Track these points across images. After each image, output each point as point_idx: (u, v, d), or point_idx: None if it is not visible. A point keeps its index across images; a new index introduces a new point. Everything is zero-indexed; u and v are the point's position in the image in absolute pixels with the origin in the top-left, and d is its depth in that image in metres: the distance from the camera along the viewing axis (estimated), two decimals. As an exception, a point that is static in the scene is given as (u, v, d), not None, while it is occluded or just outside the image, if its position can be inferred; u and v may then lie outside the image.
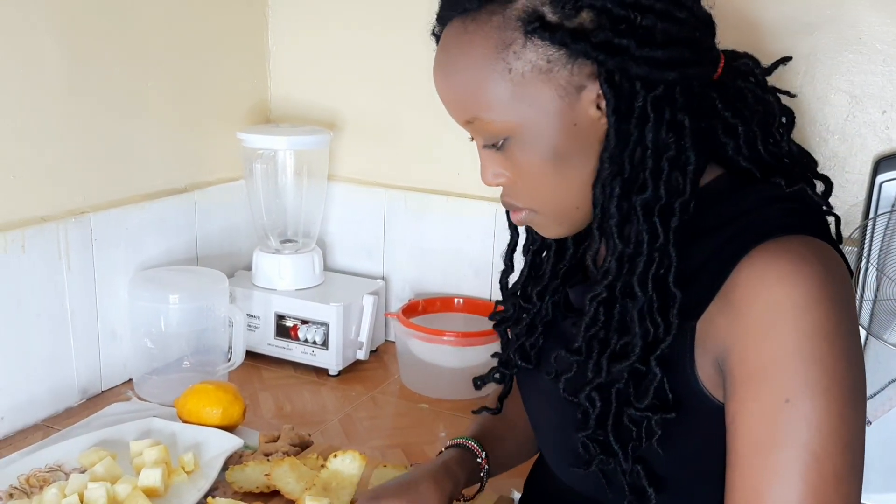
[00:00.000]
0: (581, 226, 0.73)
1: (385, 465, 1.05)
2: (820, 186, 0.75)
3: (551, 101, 0.66)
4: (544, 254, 0.83)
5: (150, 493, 0.97)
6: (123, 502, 0.95)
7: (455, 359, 1.34)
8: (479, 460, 0.91)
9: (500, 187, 0.74)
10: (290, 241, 1.52)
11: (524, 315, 0.84)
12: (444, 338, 1.34)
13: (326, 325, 1.40)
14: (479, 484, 0.92)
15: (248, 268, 1.52)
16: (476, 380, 0.92)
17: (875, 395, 1.18)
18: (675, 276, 0.66)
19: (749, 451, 0.63)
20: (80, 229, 1.22)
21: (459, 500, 0.93)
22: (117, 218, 1.29)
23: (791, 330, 0.62)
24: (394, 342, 1.48)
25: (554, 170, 0.68)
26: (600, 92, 0.66)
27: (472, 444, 0.92)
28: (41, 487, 0.99)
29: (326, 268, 1.56)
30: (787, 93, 0.75)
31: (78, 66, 1.21)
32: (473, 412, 0.95)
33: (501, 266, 0.87)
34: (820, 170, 1.21)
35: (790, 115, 0.75)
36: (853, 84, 1.18)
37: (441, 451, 0.93)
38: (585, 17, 0.64)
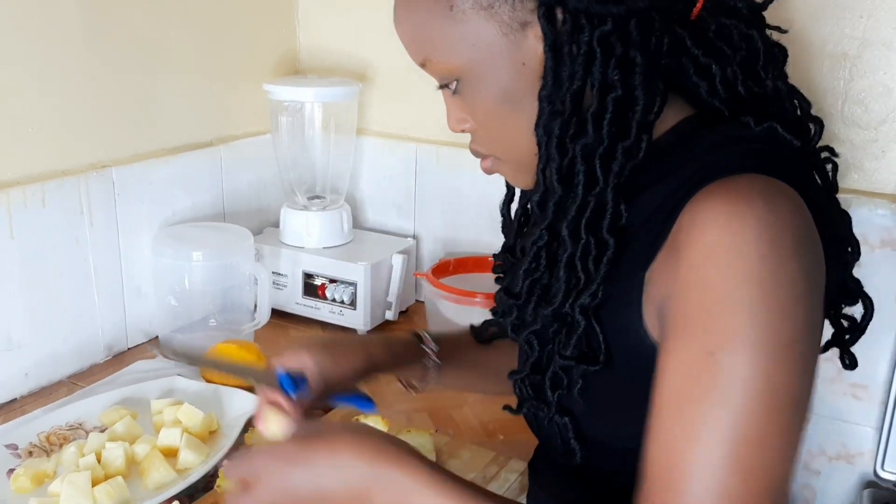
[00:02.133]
0: None
1: (409, 430, 1.02)
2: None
3: (495, 38, 0.64)
4: (529, 206, 0.79)
5: (168, 452, 0.95)
6: (141, 462, 0.93)
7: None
8: (425, 348, 0.90)
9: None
10: (317, 197, 1.48)
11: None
12: (475, 299, 1.29)
13: (354, 284, 1.36)
14: (425, 378, 0.90)
15: (277, 224, 1.49)
16: (472, 328, 0.91)
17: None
18: (610, 224, 0.62)
19: (669, 404, 0.58)
20: (101, 183, 1.19)
21: (409, 388, 0.92)
22: (140, 172, 1.26)
23: (720, 276, 0.56)
24: (423, 302, 1.43)
25: (507, 113, 0.66)
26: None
27: (426, 335, 0.91)
28: (61, 445, 0.99)
29: (355, 225, 1.52)
30: (777, 28, 0.70)
31: (97, 14, 1.17)
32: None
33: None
34: (882, 122, 1.12)
35: (782, 51, 0.69)
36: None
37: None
38: None
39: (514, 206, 0.81)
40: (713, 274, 0.56)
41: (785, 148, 0.65)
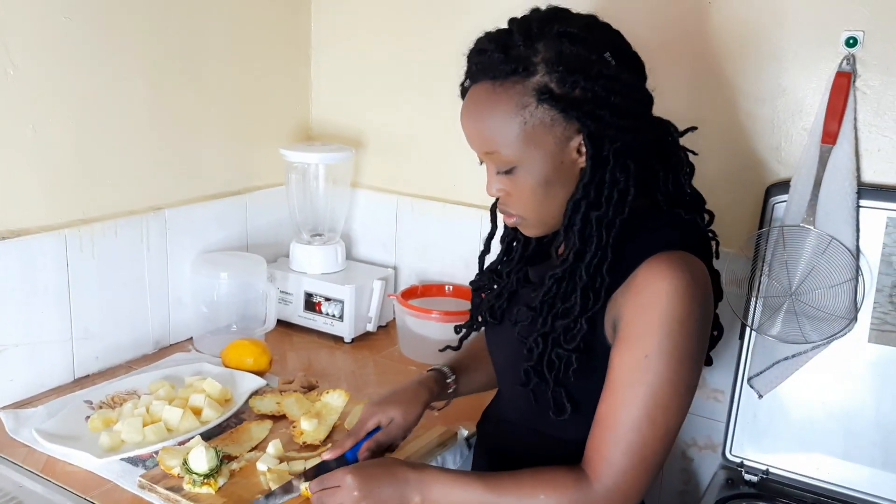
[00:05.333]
0: (553, 229, 1.07)
1: (364, 402, 1.41)
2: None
3: (550, 145, 0.97)
4: (514, 243, 1.18)
5: (195, 411, 1.36)
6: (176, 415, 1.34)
7: (440, 332, 1.67)
8: (448, 381, 1.27)
9: (496, 198, 1.07)
10: (319, 234, 1.89)
11: (495, 285, 1.20)
12: (431, 315, 1.68)
13: (342, 302, 1.76)
14: (447, 400, 1.28)
15: (287, 255, 1.90)
16: (457, 327, 1.26)
17: (762, 372, 1.47)
18: (607, 266, 0.99)
19: (616, 385, 0.97)
20: (157, 221, 1.62)
21: (431, 409, 1.27)
22: (186, 213, 1.69)
23: (659, 311, 0.95)
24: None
25: (543, 191, 1.00)
26: (582, 143, 0.97)
27: (445, 369, 1.28)
28: (122, 403, 1.40)
29: (350, 257, 1.93)
30: (691, 151, 1.10)
31: (159, 97, 1.61)
32: (440, 350, 1.32)
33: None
34: (730, 192, 1.53)
35: (692, 167, 1.09)
36: (752, 135, 1.47)
37: (423, 373, 1.28)
38: (579, 93, 0.96)
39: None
40: (655, 307, 0.95)
41: (699, 230, 1.06)
